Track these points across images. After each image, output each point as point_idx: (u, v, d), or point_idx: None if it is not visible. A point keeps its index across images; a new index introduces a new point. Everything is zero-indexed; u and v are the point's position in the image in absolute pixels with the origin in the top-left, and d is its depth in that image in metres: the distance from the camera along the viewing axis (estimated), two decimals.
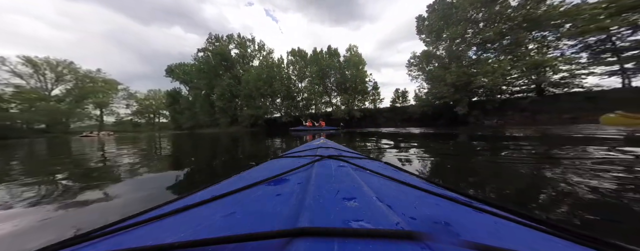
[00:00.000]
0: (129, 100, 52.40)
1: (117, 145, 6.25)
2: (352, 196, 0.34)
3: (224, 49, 31.41)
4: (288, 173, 0.52)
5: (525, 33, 12.17)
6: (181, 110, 41.11)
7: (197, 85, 35.16)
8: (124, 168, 2.37)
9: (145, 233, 0.30)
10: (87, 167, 2.59)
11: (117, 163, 2.69)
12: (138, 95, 54.70)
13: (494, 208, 0.36)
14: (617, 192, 1.10)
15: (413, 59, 18.18)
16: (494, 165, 1.95)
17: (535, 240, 0.27)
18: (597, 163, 1.66)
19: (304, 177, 0.49)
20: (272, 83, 25.40)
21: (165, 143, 6.16)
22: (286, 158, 0.81)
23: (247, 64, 32.65)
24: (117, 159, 3.12)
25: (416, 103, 16.93)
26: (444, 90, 13.61)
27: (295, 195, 0.37)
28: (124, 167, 2.45)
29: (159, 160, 3.05)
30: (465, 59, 14.50)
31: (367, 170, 0.55)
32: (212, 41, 33.00)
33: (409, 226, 0.24)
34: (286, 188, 0.42)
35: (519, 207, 0.73)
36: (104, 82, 43.04)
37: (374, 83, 21.99)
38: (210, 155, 3.43)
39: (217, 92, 29.80)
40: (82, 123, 41.73)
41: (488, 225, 0.30)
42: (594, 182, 1.24)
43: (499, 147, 2.99)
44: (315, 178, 0.45)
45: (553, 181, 1.31)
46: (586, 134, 4.09)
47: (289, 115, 24.39)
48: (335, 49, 23.10)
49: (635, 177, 1.34)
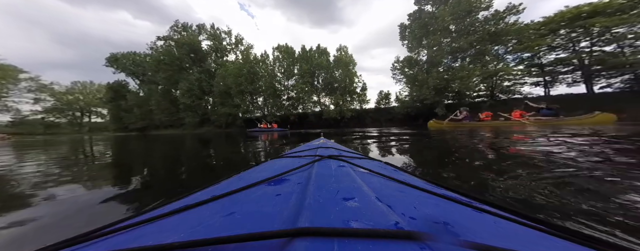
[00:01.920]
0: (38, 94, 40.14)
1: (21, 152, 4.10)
2: (352, 196, 0.35)
3: (194, 40, 27.82)
4: (288, 173, 0.53)
5: (488, 45, 14.68)
6: (128, 108, 34.09)
7: (153, 78, 29.94)
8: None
9: (145, 233, 0.30)
10: None
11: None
12: (56, 88, 42.53)
13: (494, 208, 0.37)
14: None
15: (397, 63, 20.24)
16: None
17: (535, 240, 0.28)
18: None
19: (303, 177, 0.49)
20: (254, 79, 23.93)
21: (96, 152, 3.98)
22: (286, 158, 0.82)
23: (221, 58, 29.76)
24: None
25: (400, 105, 18.28)
26: (426, 93, 15.58)
27: (295, 195, 0.37)
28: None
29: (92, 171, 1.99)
30: (442, 65, 16.52)
31: (367, 170, 0.55)
32: (178, 30, 28.83)
33: (409, 226, 0.24)
34: (286, 188, 0.42)
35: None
36: None
37: (363, 84, 22.41)
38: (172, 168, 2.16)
39: (183, 87, 26.12)
40: None
41: (488, 225, 0.30)
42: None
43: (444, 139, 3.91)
44: (315, 178, 0.45)
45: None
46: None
47: (273, 115, 23.38)
48: (325, 48, 23.44)
49: None
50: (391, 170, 0.67)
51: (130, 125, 34.17)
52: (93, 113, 49.02)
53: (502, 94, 15.96)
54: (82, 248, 0.28)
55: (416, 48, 18.45)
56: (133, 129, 33.78)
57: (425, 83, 15.66)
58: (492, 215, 0.33)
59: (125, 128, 35.72)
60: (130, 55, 35.22)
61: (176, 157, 2.99)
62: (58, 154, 3.67)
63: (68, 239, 0.30)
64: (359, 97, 22.22)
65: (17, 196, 1.33)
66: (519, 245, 0.24)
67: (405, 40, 19.28)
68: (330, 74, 22.13)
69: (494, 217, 0.32)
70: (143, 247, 0.23)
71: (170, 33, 28.91)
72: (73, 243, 0.29)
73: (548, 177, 1.25)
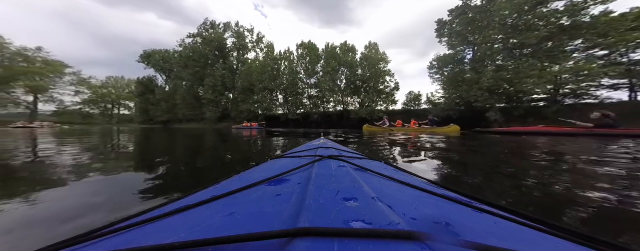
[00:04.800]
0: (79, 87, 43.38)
1: (78, 141, 4.24)
2: (352, 196, 0.34)
3: (220, 37, 28.36)
4: (288, 173, 0.52)
5: (565, 39, 11.87)
6: (155, 101, 35.52)
7: (180, 74, 30.84)
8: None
9: (145, 233, 0.30)
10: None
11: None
12: (92, 81, 45.82)
13: (494, 208, 0.37)
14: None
15: (435, 62, 18.46)
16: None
17: (535, 240, 0.27)
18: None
19: (303, 176, 0.48)
20: (276, 76, 23.39)
21: (148, 143, 4.12)
22: (286, 158, 0.81)
23: (243, 55, 29.98)
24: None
25: (435, 107, 16.83)
26: (477, 94, 13.67)
27: (295, 195, 0.37)
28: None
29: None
30: (494, 64, 14.25)
31: (367, 170, 0.55)
32: (207, 27, 29.64)
33: (409, 226, 0.24)
34: (286, 188, 0.42)
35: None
36: (45, 62, 34.67)
37: (396, 84, 20.41)
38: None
39: (209, 82, 26.41)
40: (5, 110, 32.40)
41: (488, 225, 0.30)
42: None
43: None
44: (315, 178, 0.44)
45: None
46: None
47: (293, 113, 22.53)
48: (352, 45, 22.32)
49: None
50: (391, 170, 0.67)
51: (155, 118, 35.40)
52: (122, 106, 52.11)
53: (569, 97, 13.44)
54: (82, 248, 0.28)
55: (460, 45, 16.58)
56: (157, 122, 34.92)
57: (476, 83, 13.70)
58: (492, 215, 0.33)
59: (150, 120, 37.09)
60: (160, 52, 36.92)
61: (202, 148, 3.32)
62: (109, 141, 4.30)
63: (68, 239, 0.29)
64: (387, 97, 20.54)
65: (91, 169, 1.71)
66: (519, 245, 0.24)
67: (444, 38, 17.52)
68: (353, 73, 20.86)
69: (494, 217, 0.32)
70: (143, 247, 0.23)
71: (200, 30, 29.74)
72: (73, 243, 0.29)
73: None
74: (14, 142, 3.90)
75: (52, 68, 35.77)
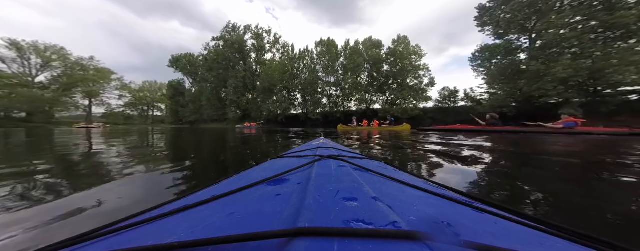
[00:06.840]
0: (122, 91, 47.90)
1: (123, 138, 5.49)
2: (352, 196, 0.34)
3: (241, 39, 28.57)
4: (288, 173, 0.52)
5: None
6: (185, 103, 37.71)
7: (205, 77, 32.00)
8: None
9: (145, 233, 0.30)
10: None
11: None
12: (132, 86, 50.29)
13: (494, 208, 0.37)
14: None
15: (478, 53, 15.75)
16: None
17: (535, 239, 0.27)
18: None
19: (303, 177, 0.48)
20: (296, 76, 22.54)
21: (183, 141, 4.80)
22: (286, 158, 0.80)
23: (262, 56, 29.85)
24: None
25: (487, 103, 14.37)
26: (548, 88, 11.00)
27: (295, 195, 0.37)
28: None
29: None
30: (570, 51, 11.54)
31: (367, 170, 0.55)
32: (229, 30, 30.17)
33: (409, 226, 0.24)
34: (286, 188, 0.42)
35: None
36: (96, 70, 38.78)
37: (431, 79, 18.30)
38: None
39: (232, 84, 26.82)
40: (68, 112, 37.02)
41: (488, 225, 0.30)
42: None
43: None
44: (315, 178, 0.44)
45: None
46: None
47: (313, 112, 21.53)
48: (378, 40, 20.40)
49: None
50: (391, 170, 0.67)
51: (184, 119, 37.57)
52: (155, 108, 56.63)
53: None
54: (82, 248, 0.27)
55: (515, 33, 13.70)
56: (185, 122, 37.01)
57: (543, 75, 11.04)
58: (492, 215, 0.33)
59: (179, 121, 39.51)
60: (187, 56, 38.76)
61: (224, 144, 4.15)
62: (160, 139, 5.34)
63: (68, 239, 0.29)
64: (419, 94, 18.25)
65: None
66: (519, 245, 0.24)
67: (488, 26, 14.75)
68: (378, 69, 18.97)
69: (494, 217, 0.32)
70: (143, 247, 0.23)
71: (223, 33, 30.34)
72: (73, 243, 0.28)
73: None
74: (89, 140, 4.87)
75: (102, 75, 40.08)
